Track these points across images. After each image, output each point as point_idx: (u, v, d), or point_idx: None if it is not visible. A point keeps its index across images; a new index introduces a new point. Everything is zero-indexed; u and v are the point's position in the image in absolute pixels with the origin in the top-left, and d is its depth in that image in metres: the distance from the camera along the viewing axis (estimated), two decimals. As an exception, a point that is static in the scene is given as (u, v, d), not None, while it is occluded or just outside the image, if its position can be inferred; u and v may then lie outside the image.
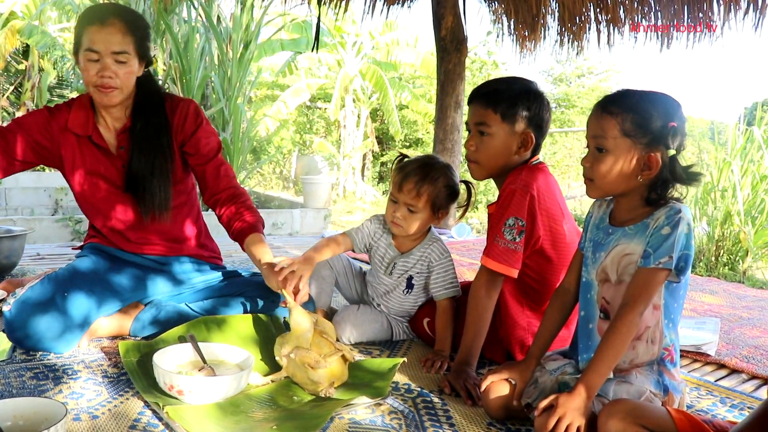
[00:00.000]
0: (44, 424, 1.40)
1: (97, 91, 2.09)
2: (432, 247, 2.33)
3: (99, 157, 2.24)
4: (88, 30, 2.05)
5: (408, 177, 2.21)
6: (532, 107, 2.05)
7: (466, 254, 4.44)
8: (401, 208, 2.23)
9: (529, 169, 2.05)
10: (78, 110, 2.22)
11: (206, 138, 2.32)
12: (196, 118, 2.30)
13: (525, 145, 2.07)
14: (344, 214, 12.24)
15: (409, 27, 17.32)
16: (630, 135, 1.56)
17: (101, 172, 2.25)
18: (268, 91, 15.87)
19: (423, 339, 2.41)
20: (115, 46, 2.05)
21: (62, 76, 13.23)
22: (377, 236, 2.40)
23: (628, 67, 52.05)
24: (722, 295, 3.65)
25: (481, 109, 2.07)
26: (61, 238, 7.14)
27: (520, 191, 1.98)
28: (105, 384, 1.87)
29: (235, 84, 9.31)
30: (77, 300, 2.09)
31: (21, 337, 2.03)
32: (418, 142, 16.47)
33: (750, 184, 5.55)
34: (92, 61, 2.05)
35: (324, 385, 1.79)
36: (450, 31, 5.32)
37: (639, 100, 1.58)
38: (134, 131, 2.22)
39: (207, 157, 2.32)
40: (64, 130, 2.22)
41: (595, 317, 1.69)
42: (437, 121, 5.51)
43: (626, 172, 1.58)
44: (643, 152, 1.55)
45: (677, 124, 1.55)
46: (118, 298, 2.23)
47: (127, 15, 2.11)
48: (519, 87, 2.07)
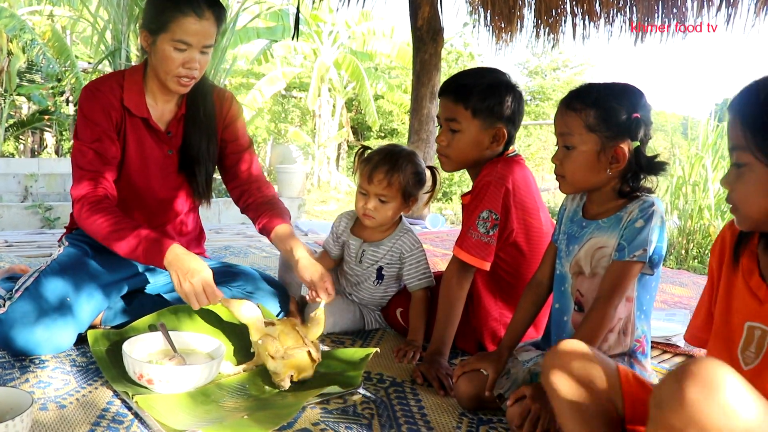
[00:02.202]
0: (9, 414, 1.38)
1: (177, 81, 2.05)
2: (403, 238, 2.32)
3: (148, 139, 2.19)
4: (183, 21, 1.96)
5: (377, 167, 2.20)
6: (504, 101, 2.03)
7: (440, 245, 4.45)
8: (372, 200, 2.22)
9: (505, 162, 2.05)
10: (131, 87, 2.14)
11: (243, 128, 2.35)
12: (238, 109, 2.33)
13: (497, 140, 2.05)
14: (318, 203, 12.20)
15: (386, 17, 17.29)
16: (595, 130, 1.57)
17: (149, 155, 2.20)
18: (243, 80, 15.72)
19: (396, 329, 2.41)
20: (208, 39, 2.02)
21: (32, 60, 12.98)
22: (346, 232, 2.40)
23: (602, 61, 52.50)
24: (692, 287, 3.70)
25: (451, 105, 2.05)
26: (31, 226, 7.03)
27: (495, 184, 1.97)
28: (73, 373, 1.84)
29: (210, 71, 9.23)
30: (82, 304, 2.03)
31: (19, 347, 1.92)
32: (394, 133, 16.46)
33: (720, 179, 5.63)
34: (180, 50, 2.00)
35: (281, 376, 1.77)
36: (426, 22, 5.31)
37: (601, 95, 1.58)
38: (190, 118, 2.21)
39: (243, 147, 2.34)
40: (121, 107, 2.13)
41: (570, 309, 1.70)
42: (412, 112, 5.51)
43: (595, 166, 1.59)
44: (610, 145, 1.56)
45: (641, 114, 1.56)
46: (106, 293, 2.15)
47: (216, 5, 2.04)
48: (490, 80, 2.04)
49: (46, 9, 11.80)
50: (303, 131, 15.43)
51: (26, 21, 11.25)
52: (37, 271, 2.08)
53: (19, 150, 14.98)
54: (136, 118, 2.15)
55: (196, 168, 2.25)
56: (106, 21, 9.39)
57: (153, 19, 2.02)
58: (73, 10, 10.76)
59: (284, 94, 16.60)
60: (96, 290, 2.10)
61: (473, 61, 17.59)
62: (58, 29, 11.83)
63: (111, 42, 9.39)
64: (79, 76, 11.29)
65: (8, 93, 12.37)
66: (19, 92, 12.99)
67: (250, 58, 14.10)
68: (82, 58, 13.63)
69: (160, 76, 2.07)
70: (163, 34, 1.99)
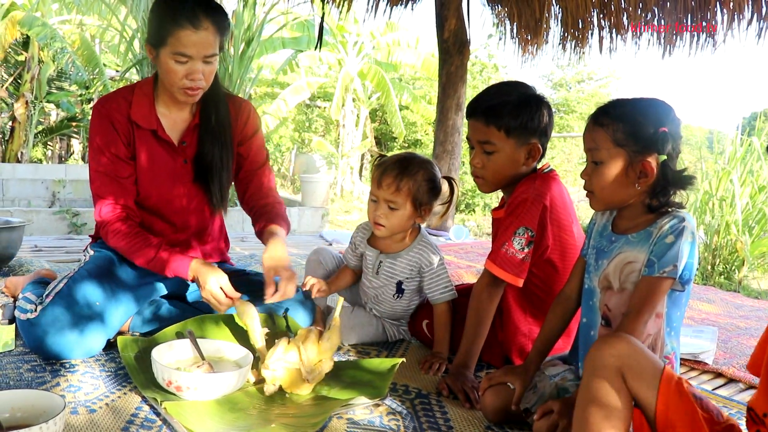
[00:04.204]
0: (43, 416, 1.40)
1: (183, 92, 2.05)
2: (421, 251, 2.28)
3: (159, 151, 2.19)
4: (180, 34, 1.95)
5: (386, 172, 2.15)
6: (536, 116, 2.00)
7: (465, 256, 4.44)
8: (381, 206, 2.17)
9: (543, 178, 2.03)
10: (140, 101, 2.15)
11: (260, 144, 2.34)
12: (256, 121, 2.32)
13: (532, 155, 2.03)
14: (342, 213, 12.24)
15: (410, 28, 17.37)
16: (622, 144, 1.56)
17: (161, 166, 2.20)
18: (268, 89, 15.84)
19: (422, 341, 2.40)
20: (208, 49, 2.00)
21: (62, 68, 13.18)
22: (363, 243, 2.39)
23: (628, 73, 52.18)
24: (719, 304, 3.65)
25: (482, 127, 2.02)
26: (59, 231, 7.12)
27: (533, 200, 1.96)
28: (103, 378, 1.86)
29: (236, 81, 9.31)
30: (111, 309, 2.07)
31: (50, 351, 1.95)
32: (417, 143, 16.47)
33: (748, 194, 5.57)
34: (181, 63, 1.99)
35: (267, 384, 1.80)
36: (453, 34, 5.32)
37: (629, 109, 1.58)
38: (203, 127, 2.20)
39: (258, 164, 2.33)
40: (128, 122, 2.14)
41: (597, 324, 1.69)
42: (438, 123, 5.51)
43: (623, 181, 1.58)
44: (637, 160, 1.56)
45: (668, 128, 1.55)
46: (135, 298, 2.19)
47: (215, 14, 2.01)
48: (518, 96, 2.01)
49: (76, 18, 11.99)
50: (327, 141, 15.50)
51: (57, 30, 11.44)
52: (66, 276, 2.11)
53: (47, 156, 15.19)
54: (145, 130, 2.15)
55: (210, 177, 2.23)
56: (134, 30, 9.50)
57: (154, 33, 2.02)
58: (102, 19, 10.91)
59: (308, 103, 16.71)
60: (125, 295, 2.13)
61: (497, 73, 17.57)
62: (87, 38, 12.01)
63: (138, 50, 9.50)
64: (107, 84, 11.47)
65: (38, 100, 12.57)
66: (48, 99, 13.20)
67: (276, 68, 14.19)
68: (110, 66, 13.84)
69: (168, 88, 2.09)
70: (163, 47, 1.99)
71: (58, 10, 12.55)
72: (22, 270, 3.14)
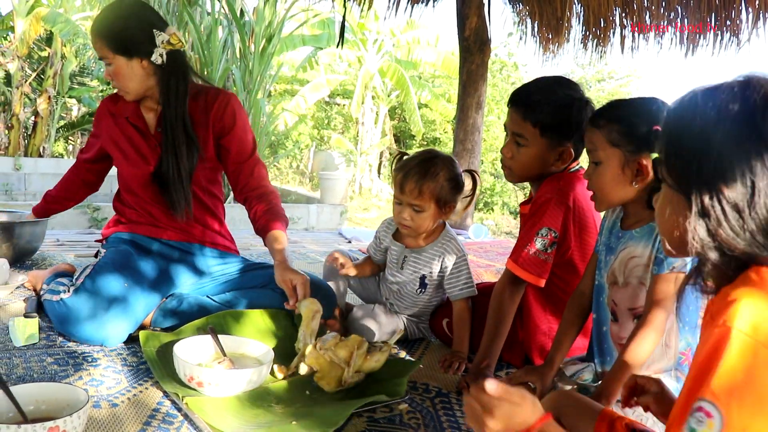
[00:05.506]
0: (66, 410, 1.41)
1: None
2: (446, 246, 2.28)
3: (135, 135, 2.31)
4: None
5: (408, 176, 2.14)
6: (574, 120, 1.96)
7: (484, 255, 4.43)
8: (406, 209, 2.17)
9: (567, 178, 2.01)
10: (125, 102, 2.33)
11: (244, 135, 2.35)
12: (233, 113, 2.32)
13: (563, 158, 2.02)
14: (360, 210, 12.25)
15: (430, 26, 17.33)
16: (617, 144, 1.57)
17: (139, 150, 2.31)
18: (288, 86, 15.90)
19: (441, 339, 2.40)
20: (101, 54, 2.18)
21: (84, 64, 13.32)
22: (388, 238, 2.39)
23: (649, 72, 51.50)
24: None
25: (519, 119, 2.00)
26: (79, 225, 7.19)
27: (556, 201, 1.94)
28: (125, 372, 1.88)
29: (256, 77, 9.33)
30: (137, 295, 2.12)
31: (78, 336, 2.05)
32: (436, 141, 16.45)
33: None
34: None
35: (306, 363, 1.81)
36: (474, 32, 5.30)
37: (623, 110, 1.61)
38: (164, 118, 2.24)
39: (243, 156, 2.35)
40: (110, 116, 2.36)
41: (607, 320, 1.70)
42: (458, 122, 5.49)
43: (620, 181, 1.59)
44: (633, 159, 1.56)
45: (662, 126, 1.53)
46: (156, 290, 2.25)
47: (99, 23, 2.18)
48: (561, 97, 1.97)
49: (99, 14, 12.07)
50: (345, 138, 15.52)
51: (80, 26, 11.54)
52: (90, 265, 2.18)
53: (68, 150, 15.35)
54: (120, 118, 2.32)
55: (167, 187, 2.26)
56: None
57: None
58: (124, 15, 10.97)
59: (328, 100, 16.75)
60: (147, 285, 2.19)
61: (517, 71, 17.50)
62: (109, 34, 12.07)
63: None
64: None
65: (60, 95, 12.70)
66: (71, 95, 13.33)
67: (295, 65, 14.25)
68: (131, 61, 13.90)
69: None
70: None
71: (81, 7, 12.66)
72: (45, 264, 3.18)
